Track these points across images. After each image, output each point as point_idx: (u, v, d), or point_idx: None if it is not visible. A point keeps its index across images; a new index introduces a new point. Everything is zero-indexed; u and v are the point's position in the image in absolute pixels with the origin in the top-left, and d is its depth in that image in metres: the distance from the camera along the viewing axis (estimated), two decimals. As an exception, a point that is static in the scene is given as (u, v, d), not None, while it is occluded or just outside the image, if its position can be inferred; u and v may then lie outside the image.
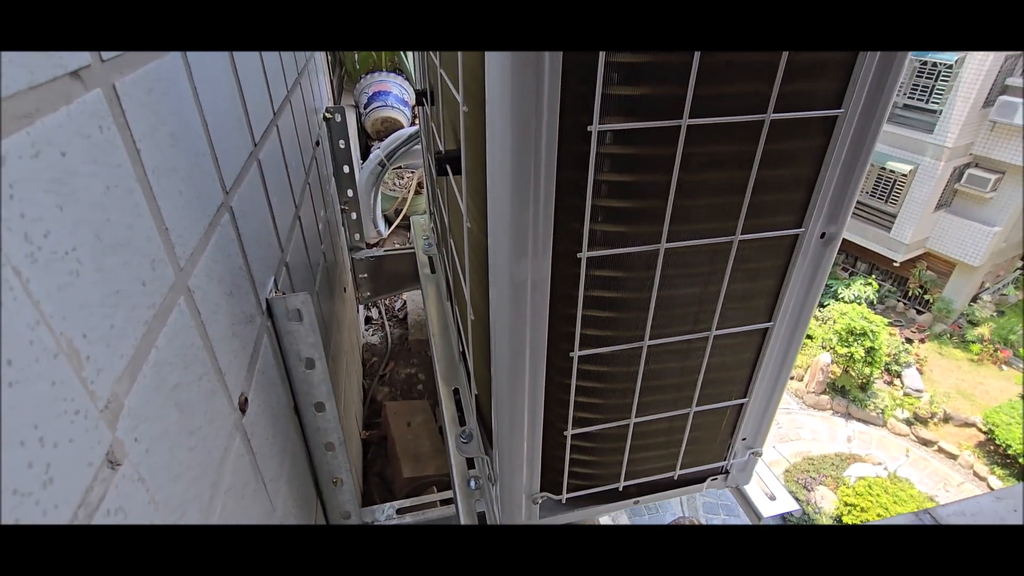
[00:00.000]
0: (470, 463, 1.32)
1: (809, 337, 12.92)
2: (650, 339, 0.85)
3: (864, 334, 11.55)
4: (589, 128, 0.64)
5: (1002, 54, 11.41)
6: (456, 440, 1.32)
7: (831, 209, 0.79)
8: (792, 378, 12.77)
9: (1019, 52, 11.40)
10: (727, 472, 1.13)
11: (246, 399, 0.73)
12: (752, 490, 1.20)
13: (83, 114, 0.41)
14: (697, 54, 0.62)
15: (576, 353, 0.83)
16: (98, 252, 0.41)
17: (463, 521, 1.20)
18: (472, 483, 1.27)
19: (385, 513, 1.30)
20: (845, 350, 11.60)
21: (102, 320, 0.41)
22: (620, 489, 1.06)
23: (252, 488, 0.73)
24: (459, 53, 0.88)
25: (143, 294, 0.47)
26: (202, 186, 0.65)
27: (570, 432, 0.93)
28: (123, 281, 0.44)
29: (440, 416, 1.92)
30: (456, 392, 1.55)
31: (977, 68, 11.74)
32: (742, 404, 1.00)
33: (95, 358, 0.39)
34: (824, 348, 12.16)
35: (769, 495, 1.21)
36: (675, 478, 1.08)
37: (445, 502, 1.36)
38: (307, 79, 1.81)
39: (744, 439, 1.08)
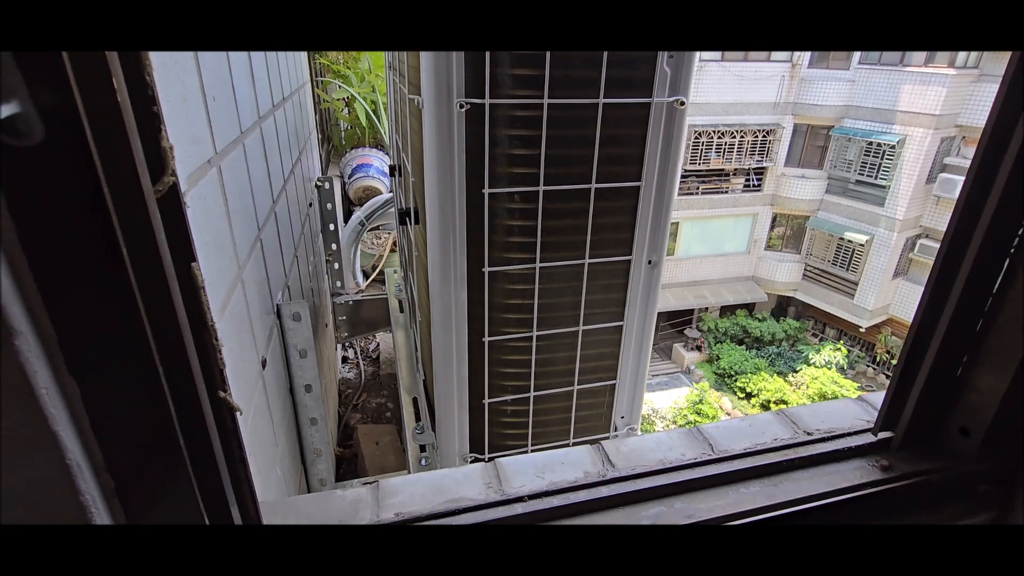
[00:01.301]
0: (423, 449, 1.69)
1: (783, 402, 13.29)
2: (537, 331, 1.26)
3: (836, 399, 11.94)
4: (483, 191, 1.08)
5: (938, 136, 12.54)
6: (412, 433, 1.70)
7: (651, 243, 1.23)
8: (764, 439, 13.01)
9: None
10: (613, 445, 1.50)
11: (265, 360, 1.12)
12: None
13: (211, 181, 0.83)
14: (543, 150, 1.06)
15: (486, 340, 1.24)
16: (214, 248, 0.82)
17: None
18: (423, 461, 1.63)
19: (353, 486, 1.64)
20: (815, 413, 11.93)
21: (213, 281, 0.81)
22: (530, 451, 1.43)
23: (266, 420, 1.10)
24: (409, 146, 1.33)
25: (227, 273, 0.88)
26: (248, 223, 1.07)
27: (487, 401, 1.32)
28: (220, 264, 0.85)
29: (405, 438, 2.27)
30: (415, 401, 1.92)
31: (917, 148, 12.79)
32: (614, 384, 1.40)
33: (210, 296, 0.79)
34: (796, 411, 12.46)
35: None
36: (571, 445, 1.46)
37: (403, 480, 1.70)
38: (305, 155, 2.27)
39: (622, 416, 1.47)
